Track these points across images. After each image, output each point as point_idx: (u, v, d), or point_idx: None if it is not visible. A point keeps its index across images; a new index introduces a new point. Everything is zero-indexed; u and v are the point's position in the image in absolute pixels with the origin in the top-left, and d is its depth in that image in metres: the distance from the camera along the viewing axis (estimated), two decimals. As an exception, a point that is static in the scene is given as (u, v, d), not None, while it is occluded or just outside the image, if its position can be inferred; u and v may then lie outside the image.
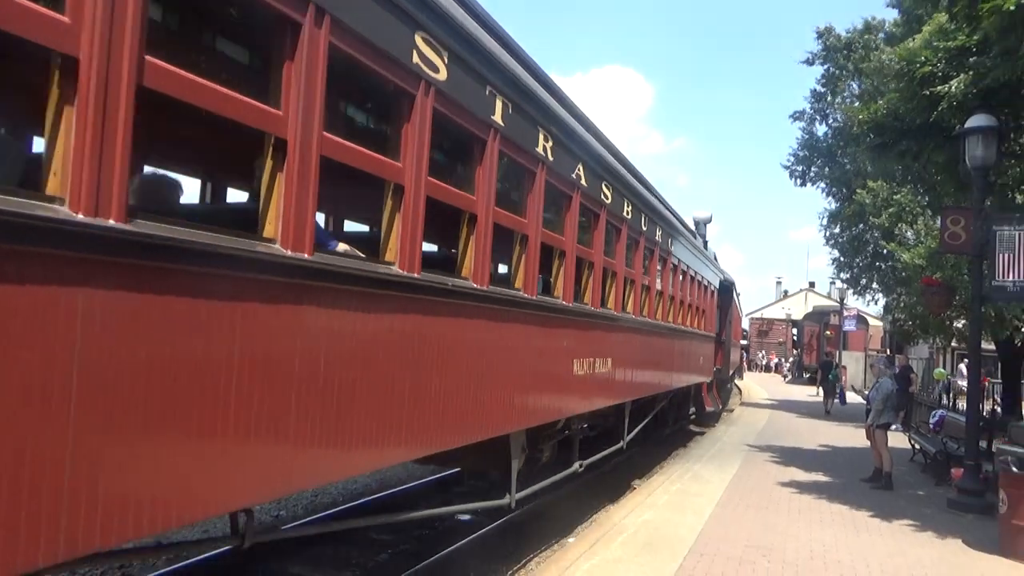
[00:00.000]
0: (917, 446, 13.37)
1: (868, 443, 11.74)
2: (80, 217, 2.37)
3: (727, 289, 19.99)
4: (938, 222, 12.28)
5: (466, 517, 8.13)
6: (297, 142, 3.29)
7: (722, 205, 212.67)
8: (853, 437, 15.82)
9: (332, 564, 6.72)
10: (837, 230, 24.23)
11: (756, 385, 36.22)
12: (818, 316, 43.17)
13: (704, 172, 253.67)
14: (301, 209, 3.33)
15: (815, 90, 24.44)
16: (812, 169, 24.86)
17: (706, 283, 15.63)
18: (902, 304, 21.96)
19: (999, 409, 16.67)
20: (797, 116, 24.95)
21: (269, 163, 3.26)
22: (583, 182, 7.02)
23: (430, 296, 4.50)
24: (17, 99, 4.04)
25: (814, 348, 42.93)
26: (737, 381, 30.41)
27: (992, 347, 19.15)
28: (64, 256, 2.33)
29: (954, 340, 23.11)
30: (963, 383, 22.27)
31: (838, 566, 6.70)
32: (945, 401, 16.14)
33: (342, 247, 4.08)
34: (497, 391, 5.50)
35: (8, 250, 2.17)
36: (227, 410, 2.98)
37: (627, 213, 8.75)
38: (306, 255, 3.35)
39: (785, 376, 49.12)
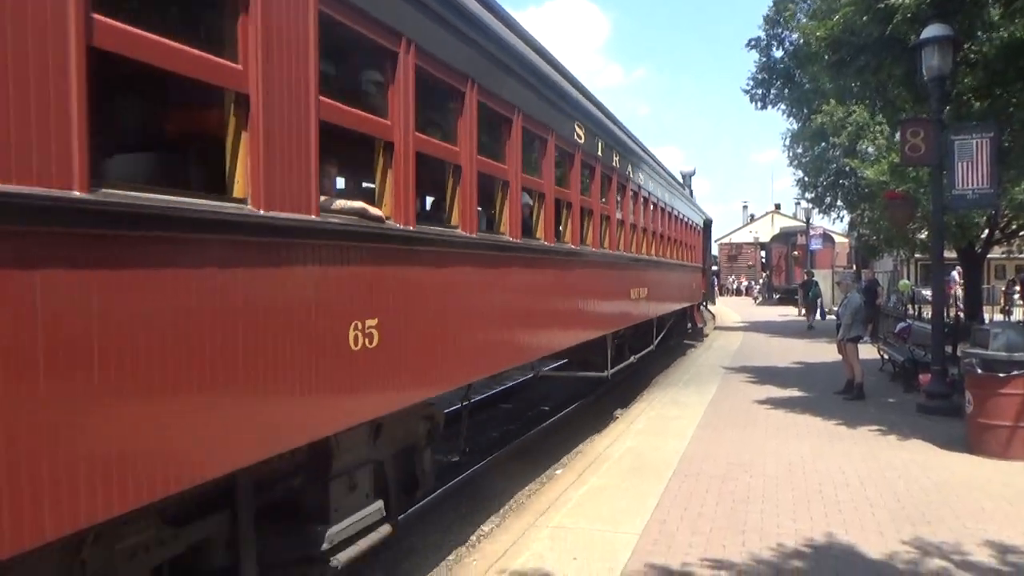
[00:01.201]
0: (886, 356, 13.80)
1: (840, 357, 12.09)
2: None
3: (707, 226, 23.64)
4: (897, 138, 12.42)
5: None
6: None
7: (685, 133, 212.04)
8: (825, 352, 16.26)
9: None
10: (800, 150, 24.39)
11: (728, 309, 36.85)
12: (785, 237, 43.76)
13: (665, 102, 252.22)
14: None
15: (767, 16, 24.20)
16: (771, 92, 24.82)
17: (694, 225, 19.63)
18: (866, 220, 22.35)
19: (962, 315, 17.20)
20: (753, 44, 24.77)
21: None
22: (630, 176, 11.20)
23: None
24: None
25: (783, 269, 43.67)
26: (709, 307, 30.92)
27: (954, 255, 19.63)
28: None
29: (917, 252, 23.64)
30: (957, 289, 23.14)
31: (816, 475, 6.98)
32: (911, 311, 16.61)
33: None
34: (600, 310, 9.48)
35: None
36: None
37: (651, 187, 12.75)
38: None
39: (756, 299, 49.98)
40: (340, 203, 4.03)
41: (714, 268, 40.70)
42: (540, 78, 6.87)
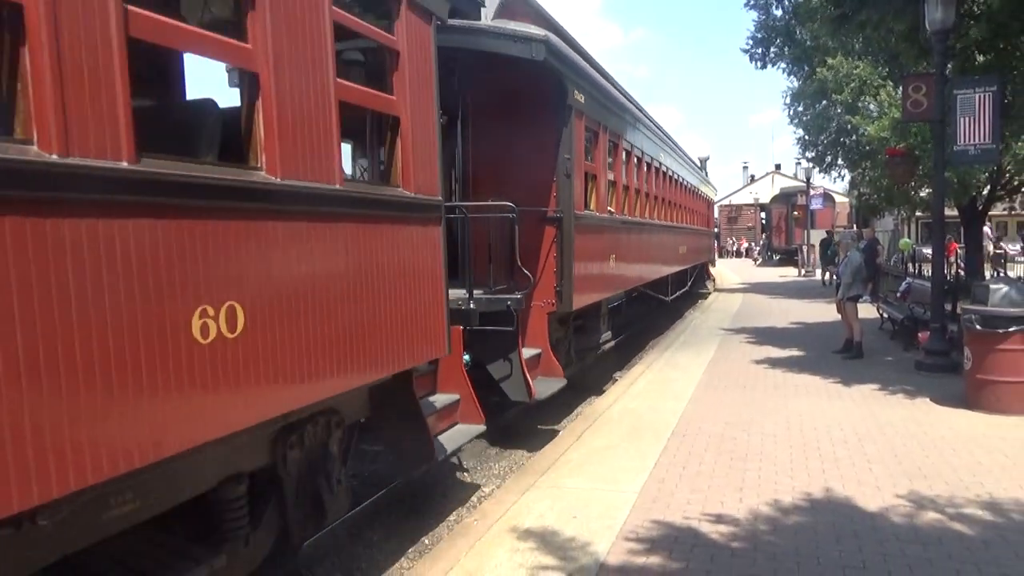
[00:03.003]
0: (885, 315, 13.80)
1: (839, 317, 12.09)
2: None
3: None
4: (899, 93, 12.25)
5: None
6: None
7: (685, 94, 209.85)
8: (824, 312, 16.28)
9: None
10: (800, 108, 24.11)
11: (728, 271, 36.83)
12: (785, 198, 43.56)
13: (665, 62, 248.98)
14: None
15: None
16: (771, 50, 24.46)
17: (707, 198, 25.09)
18: (867, 178, 22.18)
19: (962, 273, 17.17)
20: (752, 4, 24.35)
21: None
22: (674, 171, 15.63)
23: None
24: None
25: (783, 230, 43.54)
26: (710, 268, 30.99)
27: (955, 213, 19.53)
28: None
29: (918, 210, 23.52)
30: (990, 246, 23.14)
31: (814, 432, 7.02)
32: (911, 270, 16.56)
33: None
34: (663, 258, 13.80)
35: None
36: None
37: (683, 174, 17.72)
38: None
39: (756, 260, 49.95)
40: None
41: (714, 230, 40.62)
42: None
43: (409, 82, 4.62)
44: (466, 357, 6.31)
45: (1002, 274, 21.21)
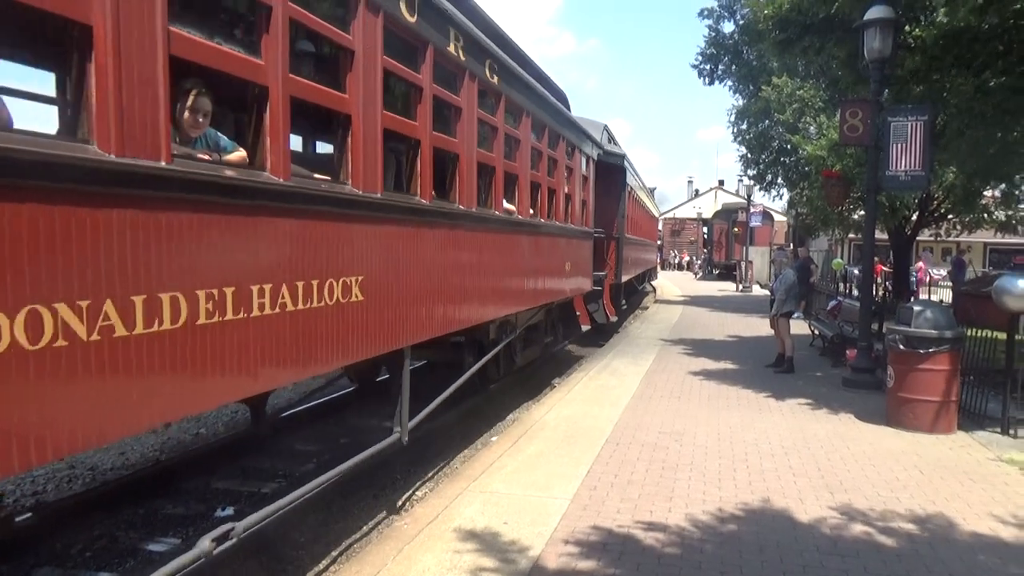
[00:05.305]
0: (816, 331, 14.23)
1: (772, 332, 12.40)
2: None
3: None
4: (839, 117, 12.66)
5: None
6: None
7: (635, 107, 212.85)
8: (759, 327, 16.69)
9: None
10: (744, 126, 24.75)
11: (669, 283, 37.48)
12: (726, 214, 44.56)
13: (617, 75, 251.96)
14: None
15: (723, -16, 24.37)
16: (719, 67, 25.09)
17: (655, 217, 22.33)
18: (805, 198, 22.84)
19: (889, 294, 17.80)
20: (705, 14, 24.94)
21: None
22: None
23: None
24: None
25: (723, 246, 44.52)
26: (651, 281, 31.48)
27: (885, 236, 20.25)
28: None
29: (851, 232, 24.33)
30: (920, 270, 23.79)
31: (743, 444, 7.17)
32: (842, 289, 17.12)
33: None
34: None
35: None
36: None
37: (648, 207, 25.38)
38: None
39: (696, 274, 50.93)
40: None
41: (658, 242, 41.30)
42: None
43: (592, 184, 13.10)
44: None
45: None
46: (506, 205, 8.08)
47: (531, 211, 8.99)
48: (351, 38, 4.60)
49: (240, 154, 4.04)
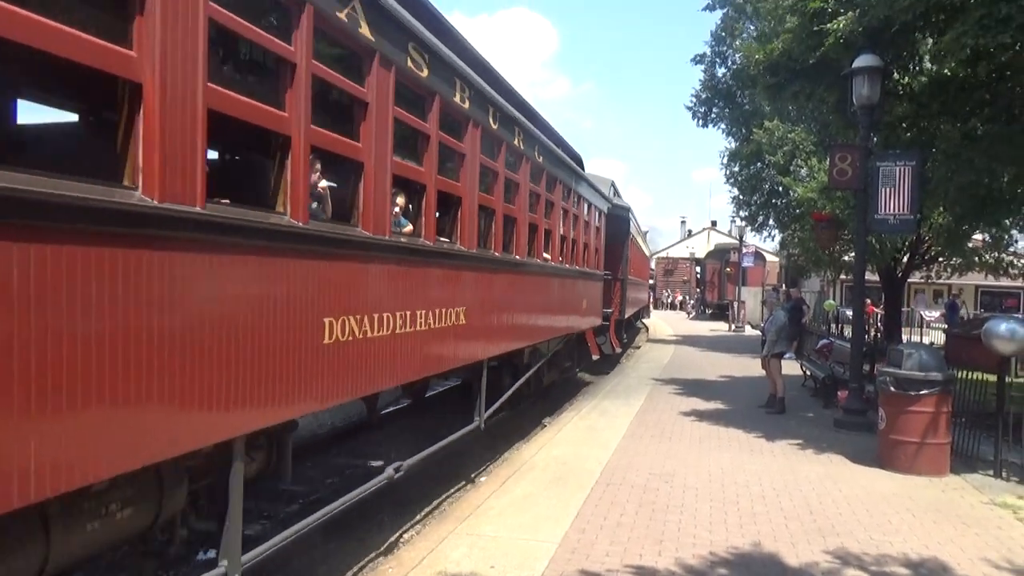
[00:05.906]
0: (808, 372, 14.21)
1: (764, 372, 12.38)
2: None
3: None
4: (828, 161, 12.82)
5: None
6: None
7: (630, 148, 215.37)
8: (750, 367, 16.66)
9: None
10: (736, 168, 25.01)
11: (662, 322, 37.49)
12: (719, 254, 44.80)
13: (611, 116, 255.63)
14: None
15: (715, 32, 24.84)
16: (713, 110, 25.46)
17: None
18: (796, 239, 22.99)
19: (880, 335, 17.84)
20: (698, 60, 25.38)
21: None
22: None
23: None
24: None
25: (716, 285, 44.71)
26: (644, 319, 31.49)
27: (876, 278, 20.37)
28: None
29: (842, 273, 24.46)
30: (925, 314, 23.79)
31: (735, 486, 7.10)
32: (834, 330, 17.16)
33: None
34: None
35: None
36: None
37: (642, 247, 26.64)
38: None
39: (689, 313, 51.03)
40: None
41: (650, 282, 41.44)
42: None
43: (604, 240, 14.99)
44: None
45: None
46: (544, 254, 10.03)
47: (560, 258, 10.91)
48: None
49: (410, 228, 5.89)
